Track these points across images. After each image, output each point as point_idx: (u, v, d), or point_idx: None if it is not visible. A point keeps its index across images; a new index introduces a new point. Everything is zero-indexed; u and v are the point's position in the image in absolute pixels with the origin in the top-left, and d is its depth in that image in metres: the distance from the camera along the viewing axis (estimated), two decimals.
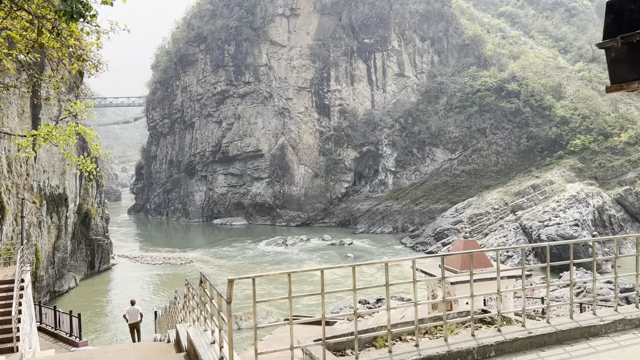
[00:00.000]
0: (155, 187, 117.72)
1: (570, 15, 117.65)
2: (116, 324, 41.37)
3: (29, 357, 13.53)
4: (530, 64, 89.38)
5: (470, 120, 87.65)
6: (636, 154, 70.15)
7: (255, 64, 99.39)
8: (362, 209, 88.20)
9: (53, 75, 18.13)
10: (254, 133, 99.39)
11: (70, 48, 11.27)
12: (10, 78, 30.21)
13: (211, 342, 7.97)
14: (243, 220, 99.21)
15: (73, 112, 20.34)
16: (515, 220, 65.57)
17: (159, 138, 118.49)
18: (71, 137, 17.90)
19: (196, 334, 8.44)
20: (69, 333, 19.99)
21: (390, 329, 6.53)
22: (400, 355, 6.32)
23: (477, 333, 7.02)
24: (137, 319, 23.27)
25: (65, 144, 18.01)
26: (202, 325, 8.79)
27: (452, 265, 18.49)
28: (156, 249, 75.70)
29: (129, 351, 10.71)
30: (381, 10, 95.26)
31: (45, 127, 17.57)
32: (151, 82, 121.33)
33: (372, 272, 55.31)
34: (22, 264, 17.17)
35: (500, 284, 18.15)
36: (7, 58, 12.41)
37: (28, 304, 15.25)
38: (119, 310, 45.15)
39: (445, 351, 6.49)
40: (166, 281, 55.43)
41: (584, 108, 79.75)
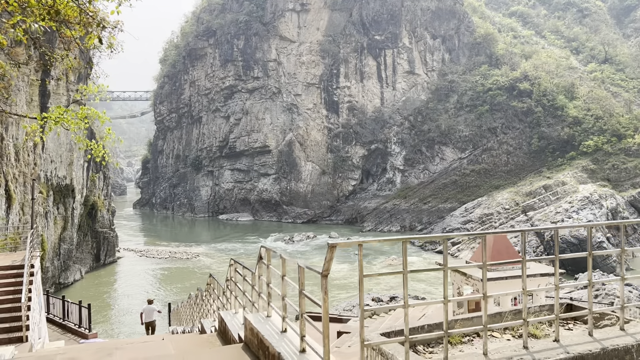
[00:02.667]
0: (161, 181, 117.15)
1: (583, 16, 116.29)
2: (122, 317, 40.72)
3: (38, 347, 12.79)
4: (542, 63, 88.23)
5: (480, 119, 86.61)
6: None
7: (264, 59, 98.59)
8: (369, 207, 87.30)
9: (66, 53, 17.31)
10: (261, 129, 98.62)
11: (89, 14, 10.49)
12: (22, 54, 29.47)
13: (281, 330, 6.94)
14: (249, 216, 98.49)
15: (85, 95, 19.61)
16: (527, 220, 64.58)
17: (166, 132, 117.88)
18: (83, 120, 17.17)
19: (258, 320, 7.41)
20: (77, 324, 19.26)
21: (526, 318, 5.60)
22: (542, 353, 5.36)
23: (596, 332, 6.01)
24: (153, 318, 22.77)
25: (77, 128, 17.27)
26: (261, 311, 7.84)
27: (480, 260, 17.63)
28: (162, 243, 75.09)
29: (163, 343, 9.88)
30: (392, 6, 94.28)
31: (57, 110, 16.83)
32: (159, 76, 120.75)
33: (376, 268, 54.52)
34: (32, 249, 16.41)
35: (532, 283, 17.28)
36: (19, 27, 11.62)
37: (37, 292, 14.52)
38: (125, 303, 44.54)
39: (597, 349, 5.43)
40: (172, 275, 54.78)
41: (597, 109, 78.61)
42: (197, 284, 50.28)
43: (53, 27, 12.22)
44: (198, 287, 15.38)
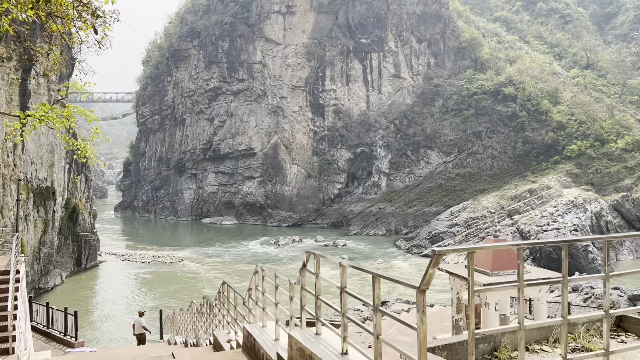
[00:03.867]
0: (144, 184, 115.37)
1: (565, 22, 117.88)
2: (104, 323, 39.61)
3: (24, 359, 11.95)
4: (526, 68, 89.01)
5: (466, 123, 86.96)
6: (633, 160, 69.92)
7: (249, 61, 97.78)
8: (355, 210, 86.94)
9: (51, 47, 16.56)
10: (246, 131, 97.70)
11: (82, 1, 9.79)
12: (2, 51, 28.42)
13: (341, 352, 5.90)
14: (233, 220, 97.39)
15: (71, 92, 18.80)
16: (512, 224, 64.77)
17: (149, 134, 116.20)
18: (69, 119, 16.38)
19: (307, 339, 6.59)
20: (63, 332, 18.35)
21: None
22: None
23: None
24: (142, 330, 22.06)
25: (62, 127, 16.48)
26: (304, 327, 7.02)
27: (481, 265, 17.23)
28: (145, 247, 73.71)
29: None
30: (378, 10, 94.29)
31: (41, 107, 16.03)
32: (142, 77, 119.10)
33: (366, 273, 54.02)
34: (17, 253, 15.48)
35: (534, 289, 16.90)
36: (5, 17, 10.87)
37: (23, 299, 13.66)
38: (107, 308, 43.37)
39: None
40: (156, 280, 53.63)
41: (581, 114, 79.48)
42: (182, 288, 49.30)
43: (42, 17, 11.49)
44: (204, 295, 14.65)
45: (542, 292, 16.73)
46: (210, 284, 50.24)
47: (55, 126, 16.51)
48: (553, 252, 53.31)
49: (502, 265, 16.88)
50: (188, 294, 46.77)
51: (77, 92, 18.19)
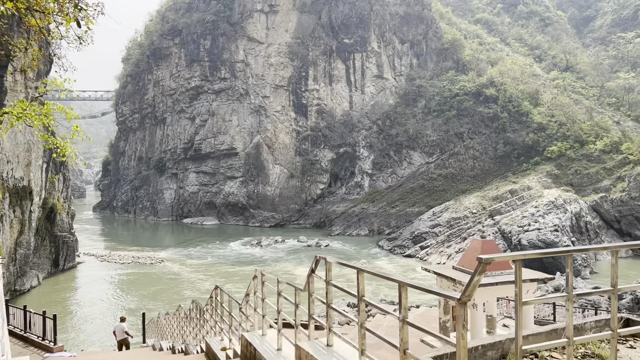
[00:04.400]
0: (123, 184, 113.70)
1: (545, 25, 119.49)
2: (83, 325, 38.73)
3: None
4: (508, 70, 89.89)
5: (448, 124, 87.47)
6: (611, 162, 71.00)
7: (231, 59, 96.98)
8: (337, 210, 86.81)
9: (30, 43, 15.99)
10: (228, 131, 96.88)
11: None
12: None
13: None
14: (214, 220, 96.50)
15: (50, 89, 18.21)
16: (494, 224, 65.26)
17: (128, 133, 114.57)
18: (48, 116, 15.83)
19: (318, 351, 6.13)
20: (41, 337, 17.71)
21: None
22: None
23: None
24: (124, 336, 21.45)
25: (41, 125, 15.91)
26: (312, 337, 6.62)
27: (468, 266, 17.12)
28: (124, 247, 72.51)
29: None
30: (361, 10, 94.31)
31: (19, 104, 15.44)
32: (121, 75, 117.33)
33: (345, 272, 53.91)
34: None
35: (522, 289, 16.89)
36: None
37: (0, 302, 13.10)
38: (86, 310, 42.45)
39: None
40: (136, 281, 52.71)
41: (561, 115, 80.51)
42: (163, 290, 48.55)
43: (21, 10, 10.97)
44: (193, 299, 14.17)
45: (530, 292, 16.68)
46: (192, 286, 49.58)
47: (33, 124, 15.91)
48: None
49: (490, 265, 16.78)
50: (168, 296, 46.06)
51: (56, 90, 17.61)
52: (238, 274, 53.89)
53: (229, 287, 46.77)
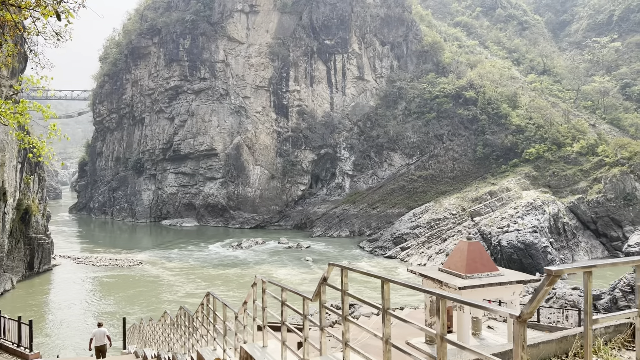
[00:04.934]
0: (100, 185, 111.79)
1: (522, 29, 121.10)
2: (58, 329, 37.81)
3: None
4: (487, 72, 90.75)
5: (428, 126, 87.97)
6: (587, 164, 72.16)
7: (211, 59, 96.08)
8: (318, 212, 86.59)
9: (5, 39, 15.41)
10: (208, 131, 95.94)
11: None
12: None
13: None
14: (194, 222, 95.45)
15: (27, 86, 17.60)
16: (474, 226, 65.74)
17: (106, 134, 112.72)
18: (24, 115, 15.26)
19: None
20: (16, 343, 17.03)
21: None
22: None
23: None
24: (104, 341, 20.78)
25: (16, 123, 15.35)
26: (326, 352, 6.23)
27: (455, 268, 17.04)
28: (101, 249, 71.21)
29: None
30: (342, 12, 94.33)
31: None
32: (99, 74, 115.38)
33: (331, 275, 53.71)
34: None
35: (507, 290, 16.84)
36: None
37: None
38: (62, 314, 41.46)
39: None
40: (114, 284, 51.72)
41: (539, 118, 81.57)
42: (142, 292, 47.70)
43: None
44: (182, 305, 13.70)
45: (516, 294, 16.68)
46: (172, 289, 48.82)
47: (8, 122, 15.32)
48: (514, 253, 54.35)
49: (476, 267, 16.73)
50: (147, 299, 45.28)
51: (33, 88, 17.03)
52: (220, 277, 53.26)
53: (213, 291, 46.12)
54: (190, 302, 42.94)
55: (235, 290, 47.00)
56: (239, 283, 50.30)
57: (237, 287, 48.47)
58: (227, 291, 46.76)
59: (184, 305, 13.64)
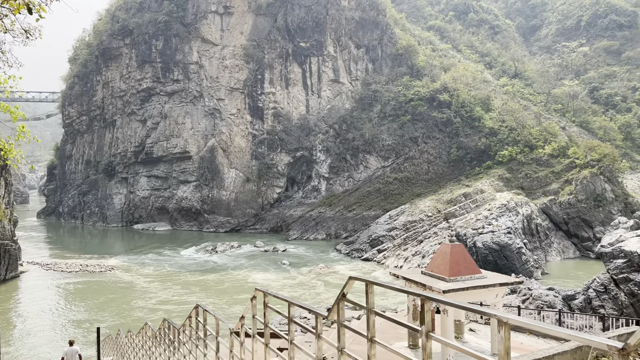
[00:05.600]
0: (70, 188, 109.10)
1: (494, 33, 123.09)
2: (26, 339, 36.44)
3: None
4: (460, 75, 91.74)
5: (403, 128, 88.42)
6: (559, 165, 73.51)
7: (185, 61, 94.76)
8: (294, 215, 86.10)
9: None
10: (181, 133, 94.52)
11: None
12: None
13: None
14: (167, 226, 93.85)
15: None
16: (449, 227, 66.19)
17: (76, 136, 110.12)
18: None
19: None
20: None
21: None
22: None
23: None
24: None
25: None
26: None
27: (438, 271, 16.84)
28: (71, 255, 69.32)
29: None
30: (317, 14, 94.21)
31: None
32: (68, 76, 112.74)
33: (304, 277, 53.36)
34: None
35: (490, 293, 16.71)
36: None
37: None
38: (30, 323, 40.03)
39: None
40: (85, 290, 50.28)
41: (511, 120, 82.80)
42: (114, 299, 46.48)
43: None
44: (165, 317, 13.03)
45: (499, 297, 16.57)
46: (144, 295, 47.68)
47: None
48: (489, 254, 54.83)
49: (459, 270, 16.56)
50: (118, 306, 44.12)
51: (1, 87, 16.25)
52: (198, 284, 52.11)
53: (193, 299, 45.17)
54: (165, 309, 42.02)
55: (214, 297, 46.11)
56: (218, 290, 49.40)
57: (216, 294, 47.57)
58: (206, 298, 45.85)
59: (167, 317, 13.01)
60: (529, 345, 19.38)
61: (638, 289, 31.37)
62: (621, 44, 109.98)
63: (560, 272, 56.16)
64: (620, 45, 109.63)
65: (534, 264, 54.79)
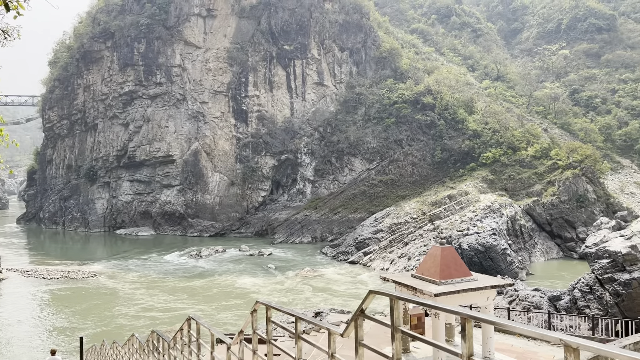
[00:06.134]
0: (51, 194, 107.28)
1: (476, 36, 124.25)
2: (8, 348, 35.59)
3: None
4: (443, 78, 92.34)
5: (387, 131, 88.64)
6: (541, 167, 74.29)
7: (167, 64, 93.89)
8: (280, 218, 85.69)
9: None
10: (164, 137, 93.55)
11: None
12: None
13: None
14: (150, 231, 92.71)
15: None
16: (434, 229, 66.41)
17: (56, 140, 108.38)
18: None
19: None
20: None
21: None
22: None
23: None
24: None
25: None
26: None
27: (429, 274, 16.72)
28: (52, 261, 68.07)
29: None
30: (301, 17, 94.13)
31: None
32: (48, 79, 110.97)
33: (291, 281, 53.07)
34: None
35: (481, 295, 16.62)
36: None
37: None
38: (10, 331, 39.11)
39: None
40: (67, 297, 49.33)
41: (494, 122, 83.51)
42: (97, 306, 45.69)
43: None
44: (153, 329, 12.64)
45: (490, 299, 16.50)
46: (129, 302, 46.91)
47: None
48: (474, 255, 55.05)
49: (450, 273, 16.47)
50: (100, 313, 43.33)
51: None
52: (184, 290, 51.29)
53: (178, 305, 44.57)
54: (149, 317, 41.38)
55: (202, 304, 45.43)
56: (205, 296, 48.66)
57: (203, 300, 46.89)
58: (193, 305, 45.21)
59: (156, 329, 12.60)
60: (519, 347, 19.39)
61: (622, 289, 31.69)
62: (600, 47, 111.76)
63: (545, 273, 56.64)
64: (599, 48, 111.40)
65: (519, 265, 55.19)
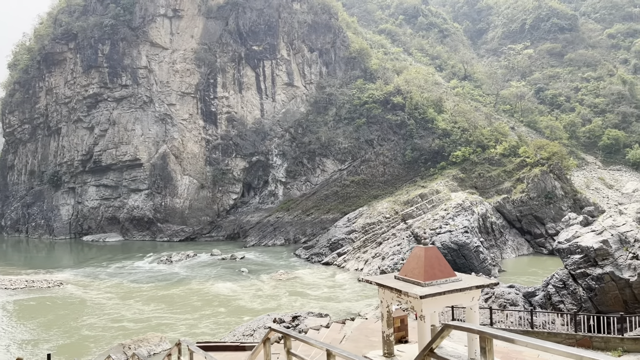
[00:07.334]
0: (12, 201, 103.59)
1: (443, 36, 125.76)
2: None
3: None
4: (412, 78, 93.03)
5: (358, 131, 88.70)
6: (510, 164, 75.44)
7: (133, 65, 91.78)
8: (252, 221, 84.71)
9: None
10: (131, 140, 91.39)
11: None
12: None
13: None
14: (118, 236, 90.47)
15: None
16: (407, 228, 66.58)
17: (18, 146, 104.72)
18: None
19: None
20: None
21: None
22: None
23: None
24: None
25: None
26: None
27: (412, 275, 16.39)
28: (15, 270, 65.47)
29: None
30: (269, 18, 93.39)
31: None
32: (8, 82, 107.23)
33: (269, 286, 52.32)
34: None
35: (466, 296, 16.39)
36: None
37: None
38: None
39: None
40: (31, 308, 47.38)
41: (463, 121, 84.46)
42: (64, 316, 44.01)
43: None
44: (135, 353, 11.84)
45: (475, 299, 16.28)
46: (97, 311, 45.31)
47: None
48: (448, 254, 55.33)
49: (434, 274, 16.18)
50: (66, 324, 41.66)
51: None
52: (156, 298, 49.57)
53: (151, 315, 43.19)
54: (119, 327, 40.04)
55: (178, 312, 44.02)
56: (181, 304, 46.87)
57: (178, 308, 45.49)
58: (166, 313, 43.88)
59: (137, 352, 11.83)
60: (504, 347, 19.27)
61: (595, 283, 32.16)
62: (563, 46, 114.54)
63: (516, 269, 57.40)
64: (562, 47, 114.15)
65: (492, 262, 55.75)
